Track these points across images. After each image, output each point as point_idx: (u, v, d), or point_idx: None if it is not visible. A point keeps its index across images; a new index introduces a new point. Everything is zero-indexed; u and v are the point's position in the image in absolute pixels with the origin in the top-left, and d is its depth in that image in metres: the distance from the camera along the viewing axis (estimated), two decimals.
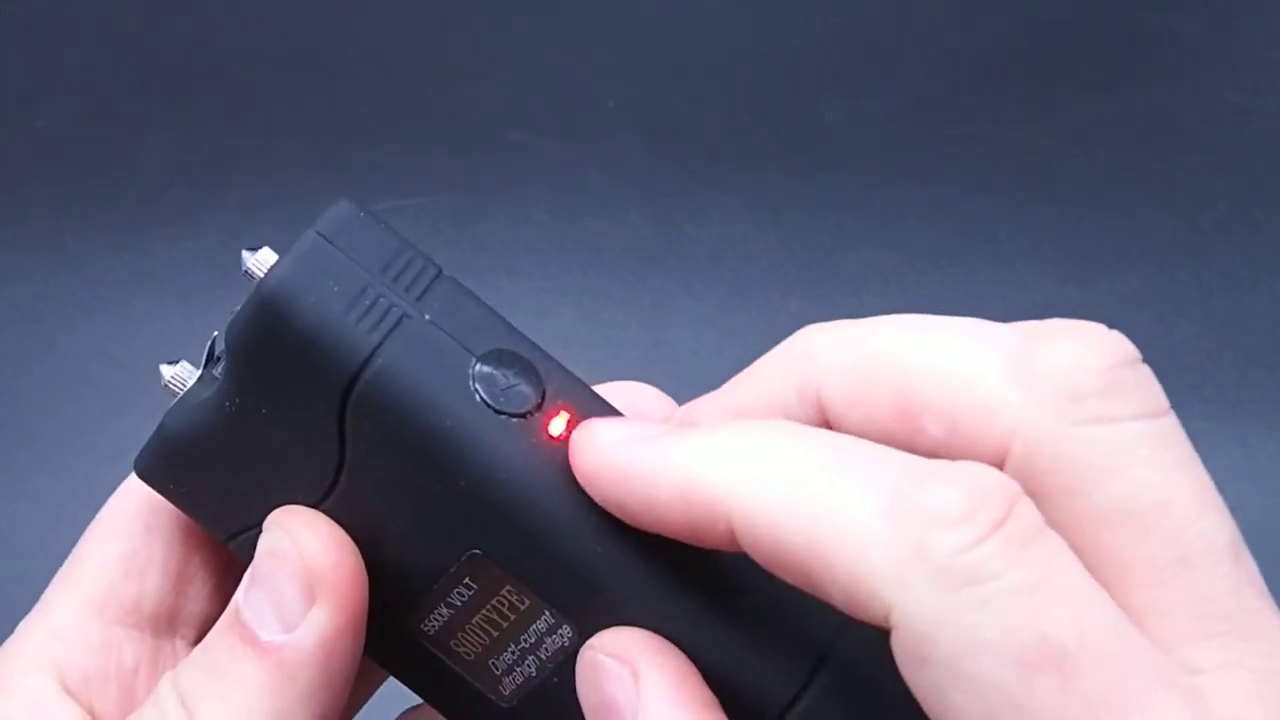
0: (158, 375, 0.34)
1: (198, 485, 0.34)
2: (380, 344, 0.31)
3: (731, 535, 0.29)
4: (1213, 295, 0.78)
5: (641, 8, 0.82)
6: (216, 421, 0.32)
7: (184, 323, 0.76)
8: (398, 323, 0.31)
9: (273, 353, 0.31)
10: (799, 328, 0.32)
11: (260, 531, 0.33)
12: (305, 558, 0.32)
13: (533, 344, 0.33)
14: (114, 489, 0.37)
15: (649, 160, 0.80)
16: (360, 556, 0.33)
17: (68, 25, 0.81)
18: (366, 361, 0.31)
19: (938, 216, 0.79)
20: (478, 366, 0.32)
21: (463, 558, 0.33)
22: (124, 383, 0.75)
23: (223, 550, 0.36)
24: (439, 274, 0.33)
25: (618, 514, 0.31)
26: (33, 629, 0.35)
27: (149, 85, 0.81)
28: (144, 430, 0.34)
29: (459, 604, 0.33)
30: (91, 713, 0.36)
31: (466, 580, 0.33)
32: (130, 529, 0.36)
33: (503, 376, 0.32)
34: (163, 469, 0.34)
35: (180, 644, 0.37)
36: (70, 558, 0.37)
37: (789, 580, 0.28)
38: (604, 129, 0.80)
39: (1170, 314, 0.78)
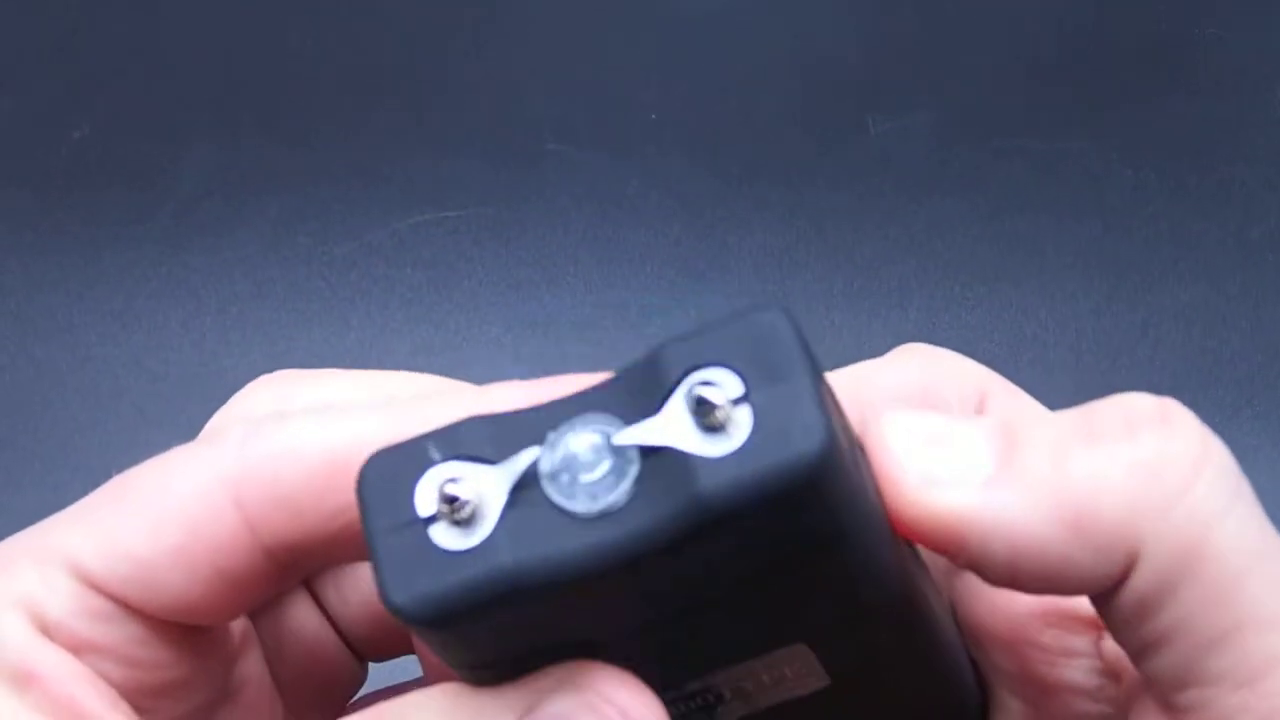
0: (430, 492, 0.27)
1: (497, 626, 0.28)
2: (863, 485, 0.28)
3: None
4: (1263, 308, 0.78)
5: (684, 19, 0.82)
6: (604, 565, 0.27)
7: (220, 335, 0.76)
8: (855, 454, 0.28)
9: (769, 516, 0.26)
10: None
11: (530, 657, 0.29)
12: None
13: None
14: None
15: (692, 172, 0.79)
16: None
17: (104, 36, 0.81)
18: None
19: (983, 230, 0.79)
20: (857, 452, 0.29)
21: (781, 649, 0.31)
22: (161, 396, 0.74)
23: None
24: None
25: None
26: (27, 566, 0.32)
27: (186, 96, 0.81)
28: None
29: (715, 680, 0.31)
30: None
31: (760, 671, 0.31)
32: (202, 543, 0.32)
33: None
34: (471, 611, 0.27)
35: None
36: (105, 498, 0.33)
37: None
38: (646, 141, 0.80)
39: (1220, 328, 0.77)
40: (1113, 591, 0.29)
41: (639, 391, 0.27)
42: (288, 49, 0.81)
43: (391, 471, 0.28)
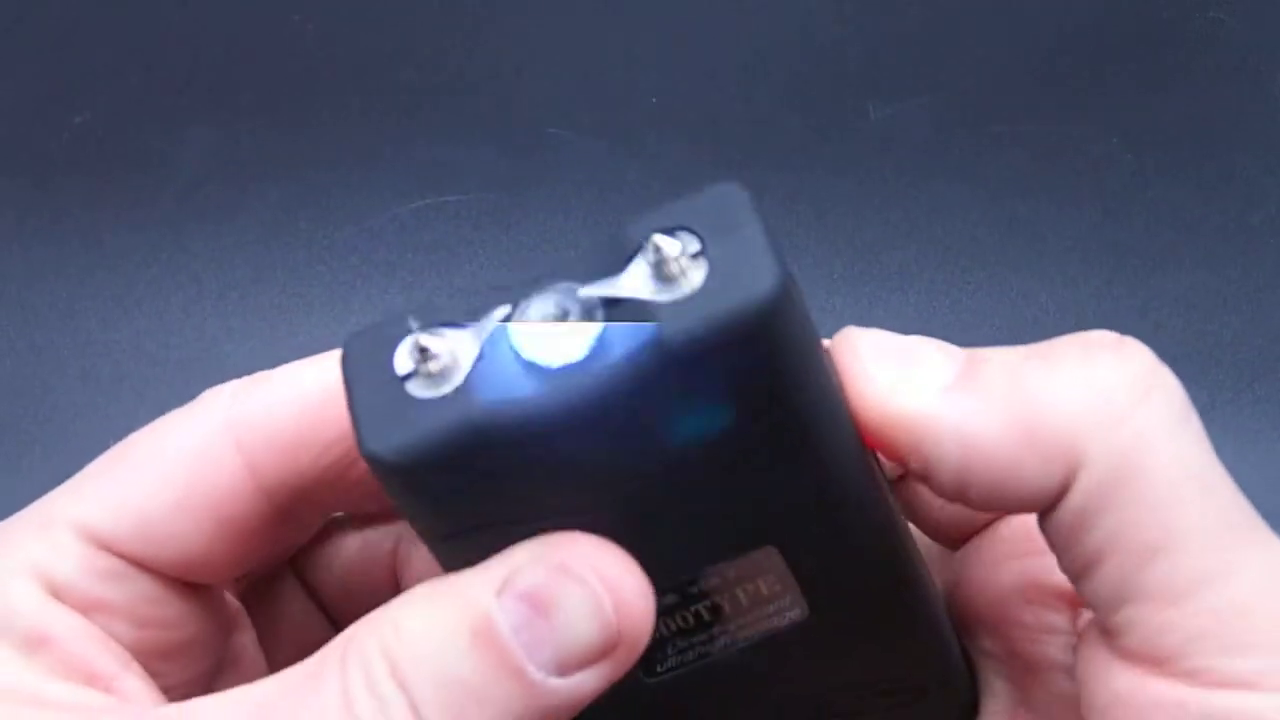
0: (408, 347, 0.28)
1: (470, 482, 0.29)
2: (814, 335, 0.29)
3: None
4: (1263, 293, 0.78)
5: (684, 5, 0.82)
6: (570, 414, 0.28)
7: (221, 320, 0.76)
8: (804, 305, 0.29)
9: (726, 358, 0.27)
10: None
11: (505, 526, 0.29)
12: (618, 608, 0.29)
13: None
14: None
15: (692, 158, 0.79)
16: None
17: (104, 22, 0.81)
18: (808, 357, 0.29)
19: (983, 215, 0.79)
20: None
21: (749, 553, 0.31)
22: (162, 380, 0.74)
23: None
24: None
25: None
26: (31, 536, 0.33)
27: (187, 81, 0.81)
28: None
29: (693, 591, 0.32)
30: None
31: (730, 571, 0.32)
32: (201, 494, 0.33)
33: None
34: (442, 456, 0.28)
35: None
36: (104, 464, 0.34)
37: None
38: (647, 126, 0.80)
39: (1221, 312, 0.77)
40: (1054, 508, 0.30)
41: (605, 258, 0.29)
42: (288, 33, 0.81)
43: (372, 342, 0.29)
